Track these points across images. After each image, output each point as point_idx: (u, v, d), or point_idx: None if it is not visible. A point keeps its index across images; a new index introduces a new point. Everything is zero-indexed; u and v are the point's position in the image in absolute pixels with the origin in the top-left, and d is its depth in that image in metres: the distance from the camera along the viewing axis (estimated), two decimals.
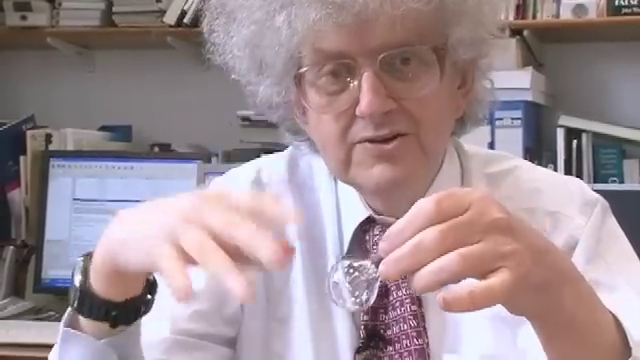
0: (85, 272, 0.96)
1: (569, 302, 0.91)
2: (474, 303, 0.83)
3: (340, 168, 1.14)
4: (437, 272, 0.83)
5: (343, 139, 1.11)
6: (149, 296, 0.98)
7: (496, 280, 0.83)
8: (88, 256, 0.97)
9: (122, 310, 0.96)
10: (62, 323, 1.00)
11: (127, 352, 1.00)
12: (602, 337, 0.95)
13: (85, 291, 0.96)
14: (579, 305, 0.92)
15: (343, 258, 0.91)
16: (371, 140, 1.09)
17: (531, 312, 0.91)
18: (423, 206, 0.85)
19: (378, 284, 0.88)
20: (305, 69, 1.11)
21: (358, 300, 0.89)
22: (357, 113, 1.08)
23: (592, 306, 0.95)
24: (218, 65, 1.19)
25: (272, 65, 1.13)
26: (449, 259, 0.83)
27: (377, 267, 0.86)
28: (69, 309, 1.00)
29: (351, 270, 0.88)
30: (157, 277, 0.98)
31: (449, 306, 0.83)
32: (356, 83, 1.09)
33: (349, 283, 0.88)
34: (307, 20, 1.06)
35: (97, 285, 0.96)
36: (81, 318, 0.98)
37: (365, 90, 1.07)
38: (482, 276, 0.84)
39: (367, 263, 0.88)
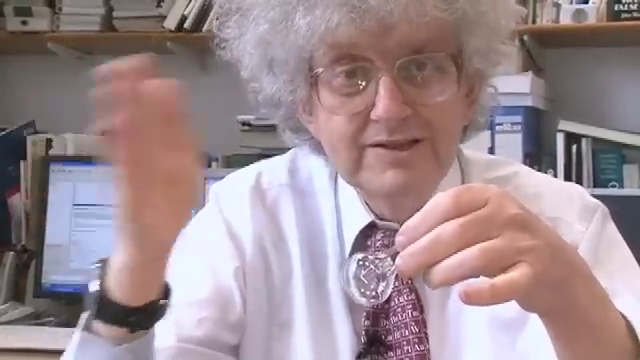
0: (103, 277, 0.96)
1: (583, 299, 0.90)
2: (495, 296, 0.81)
3: (350, 170, 1.13)
4: (456, 267, 0.81)
5: (355, 141, 1.10)
6: (164, 300, 0.98)
7: (516, 274, 0.82)
8: (104, 262, 0.97)
9: (140, 315, 0.96)
10: (79, 327, 1.00)
11: (144, 356, 1.00)
12: (614, 337, 0.94)
13: (103, 297, 0.96)
14: (592, 303, 0.91)
15: (359, 252, 0.90)
16: (384, 145, 1.09)
17: (545, 309, 0.90)
18: (441, 200, 0.83)
19: (393, 278, 0.88)
20: (321, 70, 1.10)
21: (374, 293, 0.88)
22: (373, 117, 1.07)
23: (605, 305, 0.94)
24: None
25: (284, 63, 1.11)
26: (469, 253, 0.81)
27: (393, 261, 0.85)
28: (87, 314, 0.99)
29: (367, 263, 0.88)
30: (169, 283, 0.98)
31: (470, 299, 0.81)
32: (372, 86, 1.08)
33: (364, 276, 0.88)
34: (329, 24, 1.05)
35: (116, 289, 0.95)
36: (99, 324, 0.97)
37: (383, 95, 1.06)
38: (500, 272, 0.82)
39: (383, 256, 0.87)
